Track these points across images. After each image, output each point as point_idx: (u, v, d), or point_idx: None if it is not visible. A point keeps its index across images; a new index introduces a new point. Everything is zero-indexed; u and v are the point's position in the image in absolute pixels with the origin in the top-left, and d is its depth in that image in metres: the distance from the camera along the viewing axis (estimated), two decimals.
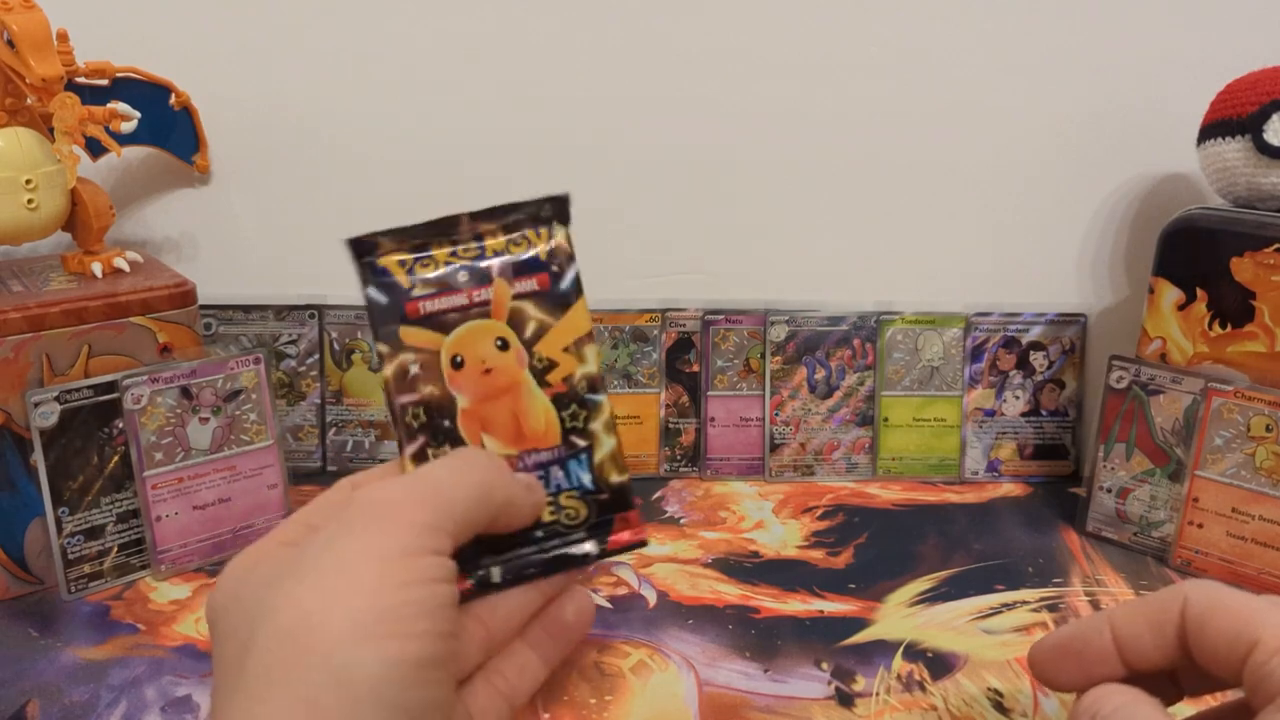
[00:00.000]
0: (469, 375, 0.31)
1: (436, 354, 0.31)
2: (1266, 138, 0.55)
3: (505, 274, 0.32)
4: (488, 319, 0.32)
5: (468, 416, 0.31)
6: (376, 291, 0.32)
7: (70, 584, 0.54)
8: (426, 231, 0.33)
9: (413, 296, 0.32)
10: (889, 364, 0.70)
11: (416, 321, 0.31)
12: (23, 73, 0.52)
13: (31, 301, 0.53)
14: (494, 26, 0.66)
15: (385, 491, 0.29)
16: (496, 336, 0.31)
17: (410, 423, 0.30)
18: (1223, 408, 0.57)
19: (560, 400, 0.32)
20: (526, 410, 0.31)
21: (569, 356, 0.32)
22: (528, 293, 0.32)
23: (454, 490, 0.29)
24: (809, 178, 0.69)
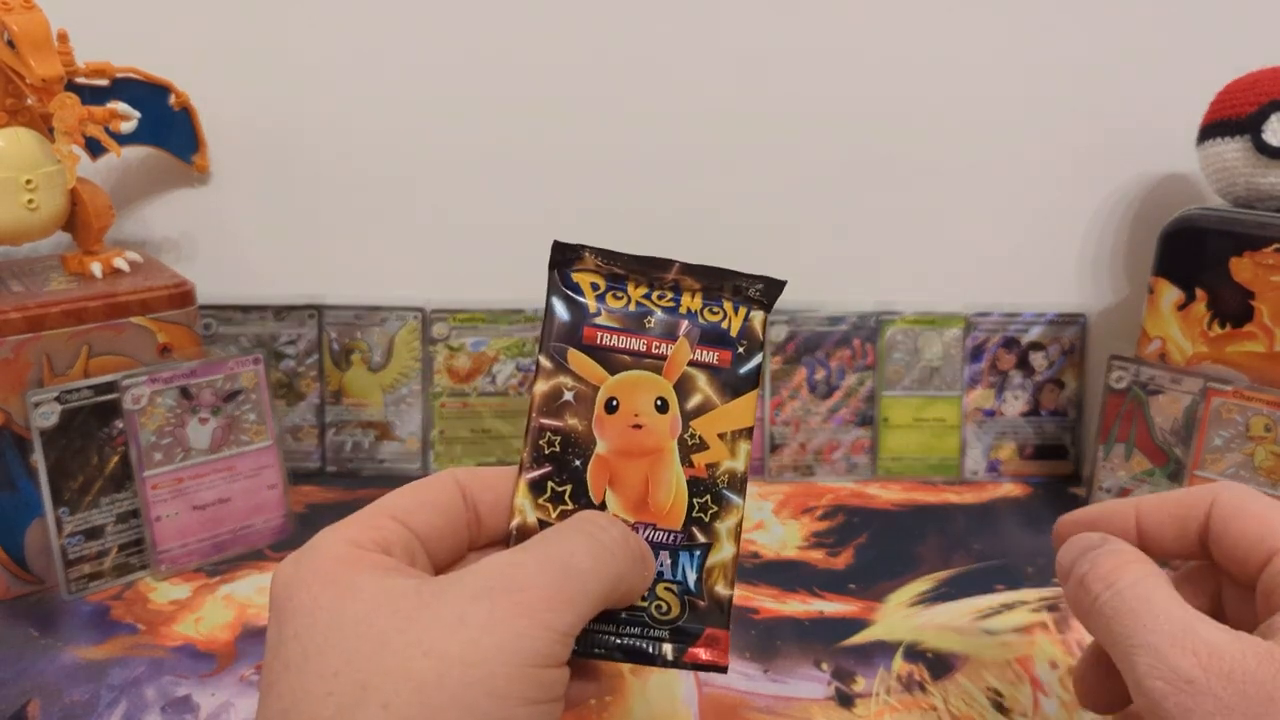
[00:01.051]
0: (618, 423, 0.29)
1: (595, 390, 0.29)
2: (1266, 138, 0.55)
3: (691, 336, 0.30)
4: (658, 375, 0.30)
5: (600, 464, 0.29)
6: (561, 304, 0.30)
7: (70, 584, 0.54)
8: (631, 263, 0.31)
9: (595, 323, 0.30)
10: (889, 364, 0.70)
11: (589, 349, 0.30)
12: (23, 73, 0.52)
13: (31, 302, 0.53)
14: (495, 28, 0.66)
15: (534, 571, 0.26)
16: (659, 395, 0.30)
17: (543, 447, 0.29)
18: (1222, 408, 0.57)
19: (696, 485, 0.30)
20: (661, 481, 0.29)
21: (722, 444, 0.30)
22: (705, 363, 0.30)
23: (596, 585, 0.27)
24: (809, 178, 0.69)
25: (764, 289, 0.32)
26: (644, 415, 0.29)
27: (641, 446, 0.29)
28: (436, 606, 0.25)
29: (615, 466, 0.29)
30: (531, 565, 0.26)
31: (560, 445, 0.29)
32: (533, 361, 0.30)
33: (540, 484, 0.28)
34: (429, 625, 0.24)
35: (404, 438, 0.69)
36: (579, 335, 0.29)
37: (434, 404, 0.69)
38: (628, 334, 0.30)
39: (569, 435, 0.29)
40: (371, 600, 0.25)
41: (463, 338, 0.69)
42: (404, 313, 0.69)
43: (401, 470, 0.70)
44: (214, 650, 0.50)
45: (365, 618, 0.24)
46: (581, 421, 0.29)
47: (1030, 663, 0.50)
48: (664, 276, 0.31)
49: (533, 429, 0.29)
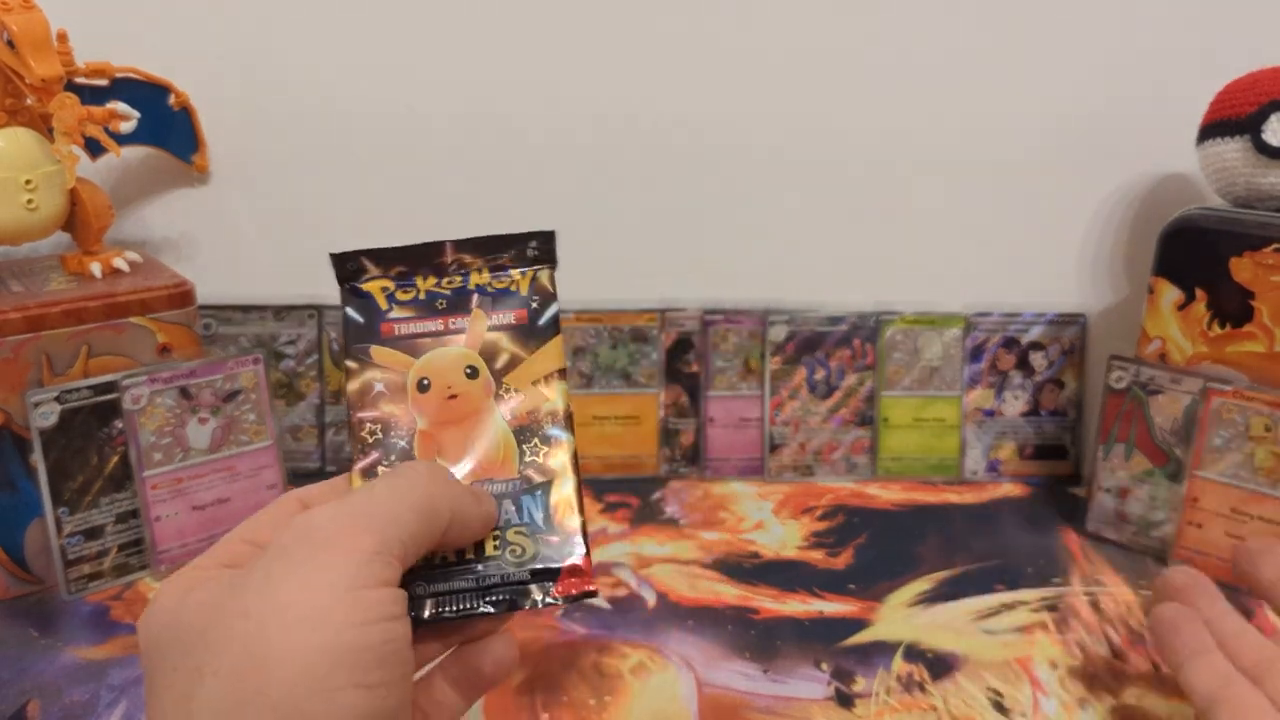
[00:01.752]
0: (433, 399, 0.31)
1: (404, 375, 0.31)
2: (1265, 138, 0.55)
3: (484, 305, 0.32)
4: (461, 347, 0.32)
5: (425, 438, 0.31)
6: (354, 310, 0.32)
7: (70, 584, 0.54)
8: (411, 256, 0.33)
9: (389, 318, 0.32)
10: (889, 364, 0.70)
11: (389, 341, 0.32)
12: (22, 73, 0.52)
13: (31, 302, 0.53)
14: (495, 27, 0.66)
15: (326, 516, 0.27)
16: (467, 364, 0.32)
17: (365, 438, 0.30)
18: (1222, 408, 0.57)
19: (522, 432, 0.32)
20: (485, 436, 0.31)
21: (537, 390, 0.32)
22: (504, 325, 0.32)
23: (398, 508, 0.27)
24: (809, 178, 0.69)
25: (539, 244, 0.33)
26: (456, 385, 0.31)
27: (460, 413, 0.31)
28: (246, 577, 0.26)
29: (440, 438, 0.30)
30: (323, 513, 0.27)
31: (382, 431, 0.30)
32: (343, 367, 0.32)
33: (371, 470, 0.30)
34: (242, 592, 0.25)
35: None
36: (377, 333, 0.31)
37: None
38: (422, 319, 0.32)
39: (388, 421, 0.30)
40: (201, 597, 0.26)
41: None
42: None
43: None
44: None
45: (194, 611, 0.26)
46: (398, 406, 0.31)
47: (1030, 663, 0.50)
48: (444, 261, 0.33)
49: (353, 424, 0.30)
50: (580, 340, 0.69)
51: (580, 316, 0.69)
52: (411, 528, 0.27)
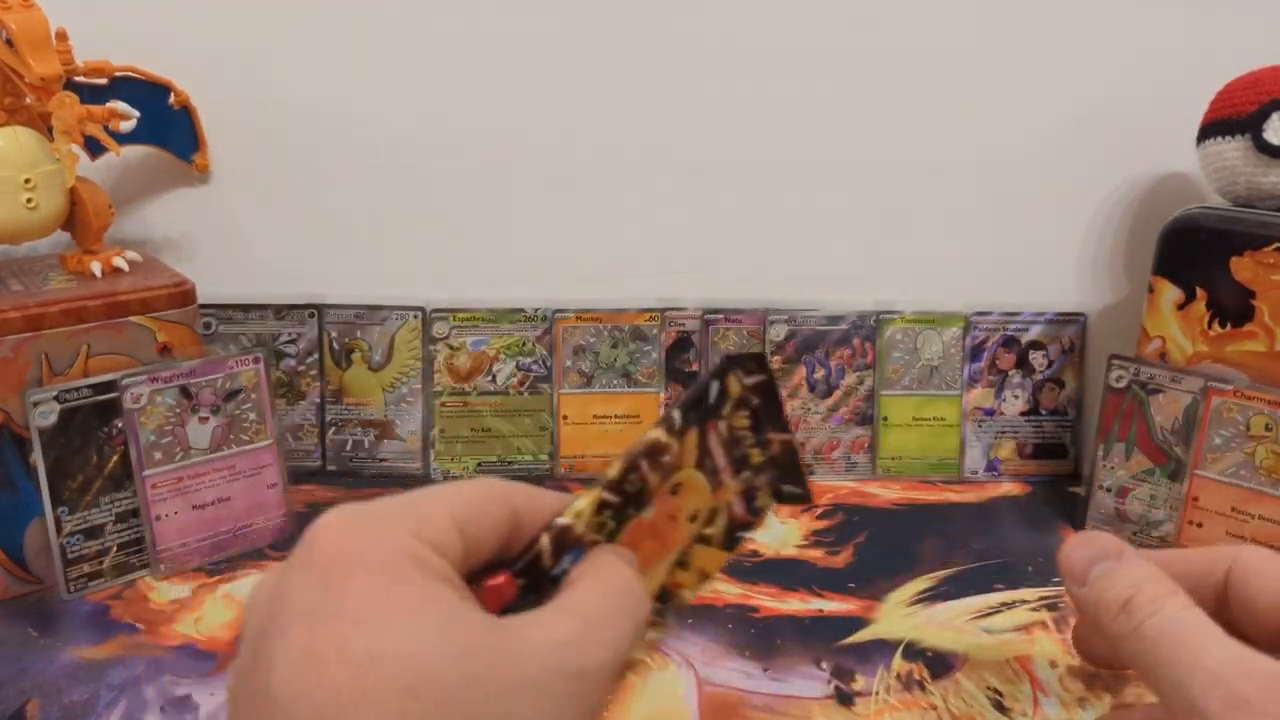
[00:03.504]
0: (667, 506, 0.31)
1: (677, 469, 0.31)
2: (1266, 137, 0.55)
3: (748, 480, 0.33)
4: (715, 491, 0.32)
5: (636, 528, 0.30)
6: (716, 391, 0.32)
7: (70, 583, 0.54)
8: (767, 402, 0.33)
9: (715, 422, 0.32)
10: (888, 363, 0.70)
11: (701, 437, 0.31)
12: (21, 72, 0.52)
13: (31, 301, 0.53)
14: (495, 27, 0.66)
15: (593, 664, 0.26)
16: (699, 508, 0.32)
17: (628, 480, 0.30)
18: (1222, 407, 0.57)
19: (662, 594, 0.32)
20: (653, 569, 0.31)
21: (693, 578, 0.32)
22: (736, 510, 0.33)
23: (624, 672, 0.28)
24: (809, 178, 0.69)
25: (799, 495, 0.34)
26: (683, 514, 0.31)
27: (665, 537, 0.31)
28: (513, 668, 0.24)
29: (643, 535, 0.30)
30: (597, 652, 0.26)
31: (636, 491, 0.30)
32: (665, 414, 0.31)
33: (604, 507, 0.29)
34: (512, 690, 0.24)
35: (404, 436, 0.69)
36: (705, 423, 0.31)
37: (434, 403, 0.69)
38: (724, 448, 0.32)
39: (644, 488, 0.30)
40: (452, 628, 0.24)
41: (463, 337, 0.69)
42: (404, 312, 0.69)
43: (402, 469, 0.70)
44: (214, 649, 0.50)
45: (447, 650, 0.23)
46: (656, 483, 0.30)
47: (1030, 661, 0.50)
48: (769, 432, 0.33)
49: (633, 461, 0.30)
50: (580, 340, 0.69)
51: (580, 316, 0.69)
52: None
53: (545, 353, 0.69)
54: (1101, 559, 0.32)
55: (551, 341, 0.69)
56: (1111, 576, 0.32)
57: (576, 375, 0.69)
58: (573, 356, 0.69)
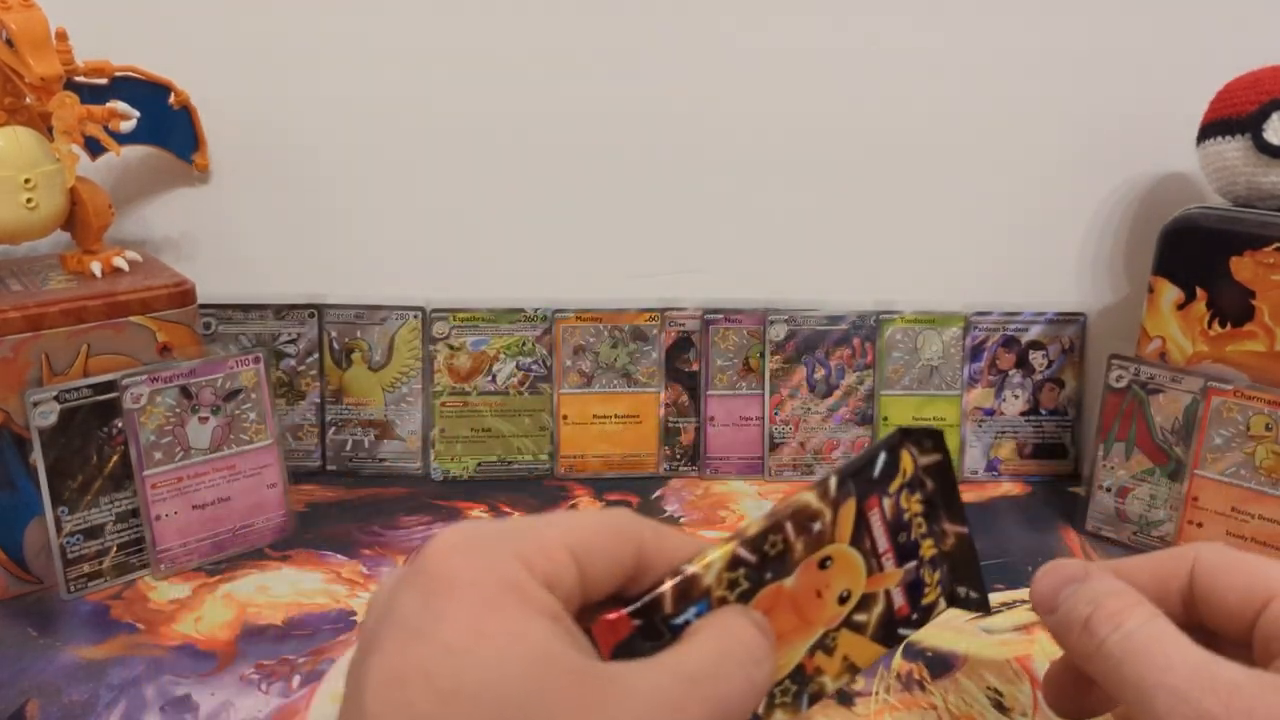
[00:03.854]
0: (813, 581, 0.29)
1: (829, 541, 0.29)
2: (1266, 137, 0.55)
3: (908, 577, 0.31)
4: (872, 575, 0.30)
5: (777, 593, 0.29)
6: (885, 464, 0.30)
7: (70, 583, 0.54)
8: (939, 486, 0.31)
9: (881, 500, 0.30)
10: (888, 363, 0.70)
11: (860, 513, 0.30)
12: (21, 72, 0.52)
13: (31, 301, 0.53)
14: (495, 27, 0.66)
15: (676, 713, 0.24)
16: (851, 589, 0.30)
17: (769, 541, 0.28)
18: (1222, 407, 0.57)
19: (796, 674, 0.30)
20: (789, 645, 0.30)
21: (839, 665, 0.30)
22: (890, 600, 0.31)
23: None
24: (809, 177, 0.69)
25: (976, 600, 0.33)
26: (830, 591, 0.30)
27: (806, 612, 0.29)
28: (604, 714, 0.23)
29: (781, 604, 0.29)
30: (694, 709, 0.24)
31: (777, 554, 0.28)
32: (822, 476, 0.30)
33: (738, 564, 0.28)
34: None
35: (405, 436, 0.69)
36: (867, 498, 0.30)
37: (434, 403, 0.69)
38: (886, 529, 0.30)
39: (787, 553, 0.28)
40: (541, 669, 0.23)
41: (463, 337, 0.69)
42: (404, 312, 0.69)
43: (402, 469, 0.70)
44: (214, 649, 0.50)
45: (532, 691, 0.23)
46: (802, 552, 0.29)
47: (1030, 661, 0.50)
48: (944, 522, 0.31)
49: (776, 521, 0.28)
50: (580, 340, 0.69)
51: (580, 316, 0.69)
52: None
53: (545, 353, 0.69)
54: (1067, 584, 0.31)
55: (551, 341, 0.69)
56: (1074, 597, 0.31)
57: (576, 375, 0.69)
58: (573, 356, 0.69)
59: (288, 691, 0.47)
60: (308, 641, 0.51)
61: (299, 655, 0.50)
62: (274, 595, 0.55)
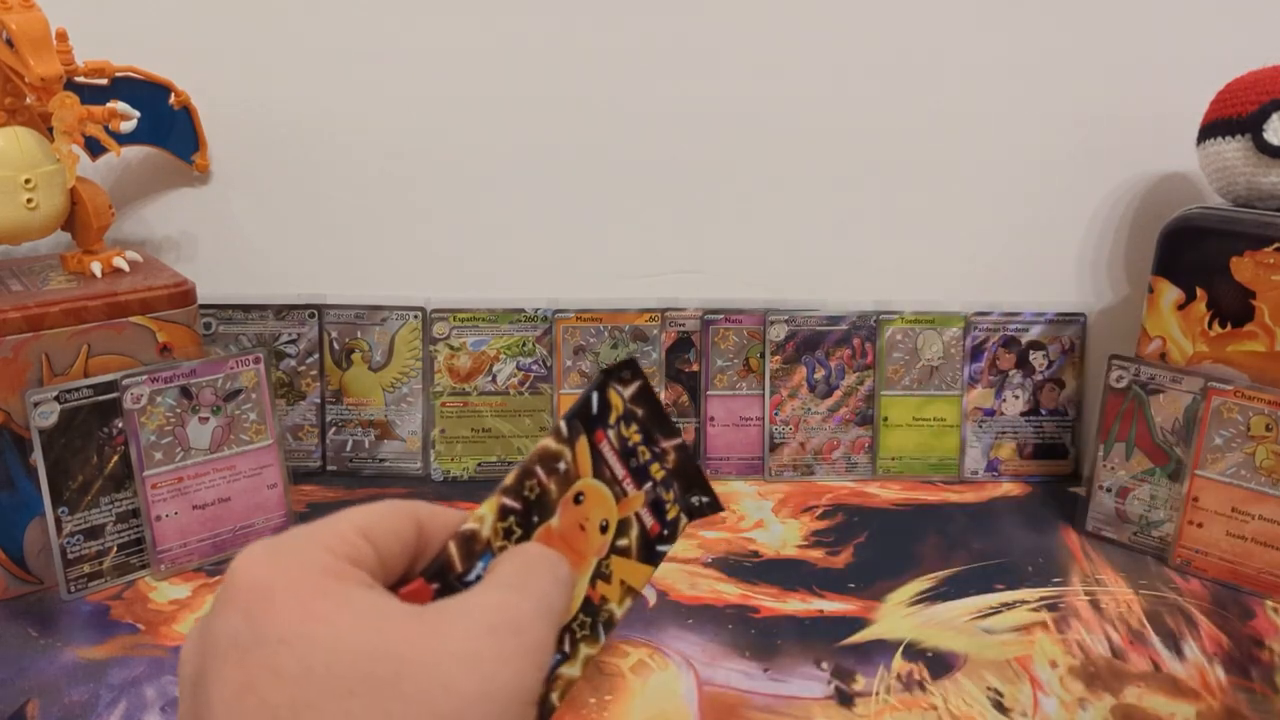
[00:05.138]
0: (573, 515, 0.32)
1: (576, 478, 0.32)
2: (1266, 137, 0.55)
3: (648, 495, 0.34)
4: (620, 501, 0.33)
5: (547, 533, 0.31)
6: (597, 400, 0.33)
7: (70, 584, 0.54)
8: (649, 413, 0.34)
9: (606, 432, 0.33)
10: (888, 363, 0.70)
11: (593, 446, 0.33)
12: (22, 72, 0.52)
13: (31, 301, 0.53)
14: (494, 29, 0.66)
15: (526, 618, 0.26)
16: (606, 517, 0.33)
17: (526, 487, 0.31)
18: (1222, 407, 0.57)
19: (586, 605, 0.32)
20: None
21: (617, 589, 0.33)
22: (642, 522, 0.34)
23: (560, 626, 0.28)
24: (809, 178, 0.69)
25: (709, 504, 0.35)
26: (590, 523, 0.33)
27: (575, 545, 0.32)
28: (448, 640, 0.25)
29: (554, 543, 0.32)
30: (526, 606, 0.27)
31: (536, 497, 0.31)
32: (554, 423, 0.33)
33: (507, 513, 0.31)
34: (444, 659, 0.24)
35: (405, 437, 0.69)
36: (593, 431, 0.33)
37: (435, 403, 0.69)
38: (619, 458, 0.33)
39: (545, 495, 0.32)
40: (376, 623, 0.25)
41: (463, 337, 0.69)
42: (404, 312, 0.69)
43: (402, 469, 0.70)
44: None
45: (376, 642, 0.24)
46: (557, 492, 0.32)
47: (1030, 662, 0.50)
48: (660, 442, 0.34)
49: (527, 467, 0.31)
50: (580, 340, 0.69)
51: (580, 316, 0.69)
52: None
53: (545, 353, 0.69)
54: None
55: (551, 341, 0.69)
56: None
57: (577, 375, 0.69)
58: (573, 356, 0.69)
59: None
60: None
61: None
62: None
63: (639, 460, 0.34)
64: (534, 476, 0.31)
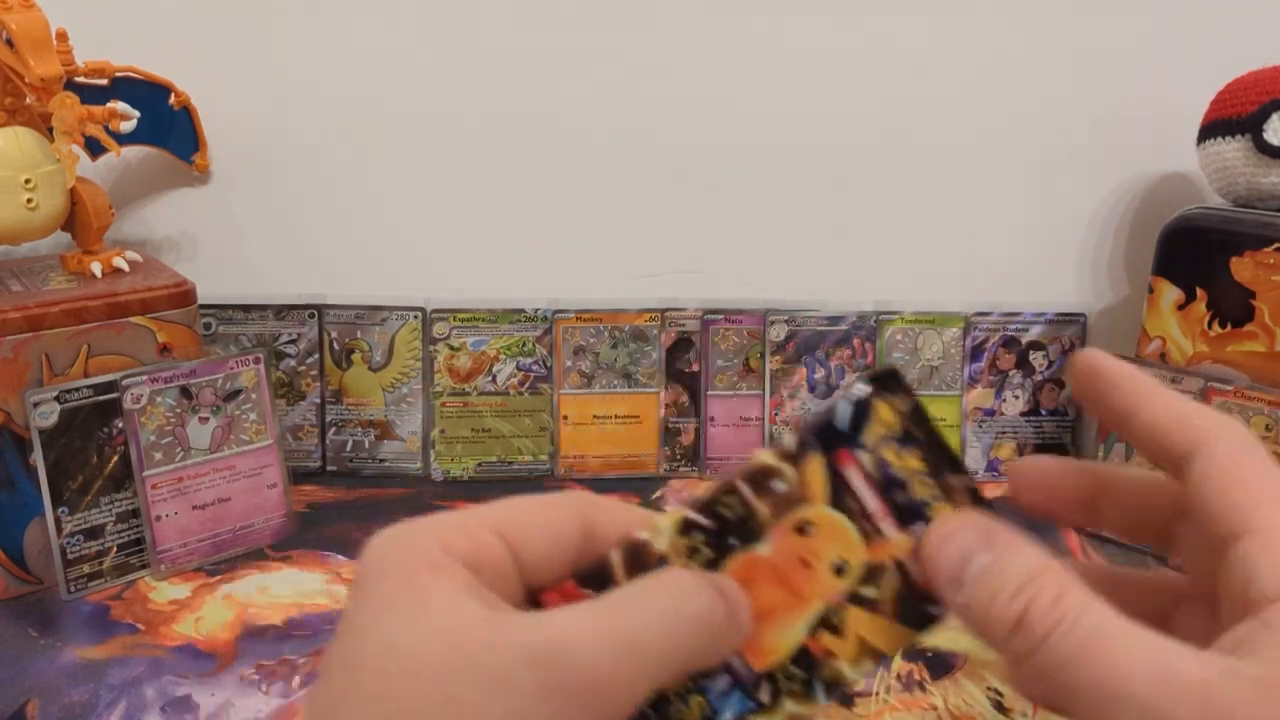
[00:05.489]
0: (794, 547, 0.26)
1: (800, 503, 0.26)
2: (1266, 137, 0.55)
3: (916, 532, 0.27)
4: (871, 542, 0.27)
5: (750, 562, 0.26)
6: (847, 412, 0.27)
7: (70, 584, 0.54)
8: (931, 439, 0.27)
9: (856, 454, 0.27)
10: (888, 364, 0.70)
11: (831, 468, 0.26)
12: (22, 72, 0.52)
13: (31, 301, 0.53)
14: (496, 29, 0.66)
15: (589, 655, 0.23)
16: (846, 559, 0.27)
17: (723, 503, 0.26)
18: (1222, 407, 0.57)
19: (803, 657, 0.27)
20: (783, 624, 0.27)
21: (853, 648, 0.27)
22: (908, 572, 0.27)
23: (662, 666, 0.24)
24: (809, 178, 0.69)
25: None
26: (820, 561, 0.26)
27: (792, 583, 0.26)
28: (487, 663, 0.23)
29: (760, 575, 0.26)
30: (596, 642, 0.23)
31: (736, 517, 0.26)
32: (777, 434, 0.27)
33: (690, 527, 0.26)
34: (476, 678, 0.22)
35: (405, 437, 0.69)
36: (834, 450, 0.27)
37: (435, 403, 0.69)
38: (873, 488, 0.27)
39: (750, 516, 0.26)
40: (437, 624, 0.23)
41: (463, 337, 0.69)
42: (404, 312, 0.69)
43: (402, 469, 0.69)
44: (214, 650, 0.50)
45: (424, 643, 0.23)
46: (770, 515, 0.26)
47: None
48: (946, 478, 0.28)
49: (729, 483, 0.26)
50: (580, 340, 0.69)
51: (580, 316, 0.69)
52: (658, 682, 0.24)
53: (545, 353, 0.69)
54: (974, 553, 0.26)
55: (551, 341, 0.69)
56: (990, 579, 0.25)
57: (577, 376, 0.69)
58: (573, 357, 0.69)
59: (288, 692, 0.47)
60: (308, 642, 0.51)
61: (299, 656, 0.50)
62: (274, 596, 0.55)
63: (910, 495, 0.27)
64: (737, 493, 0.26)
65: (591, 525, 0.26)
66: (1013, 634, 0.24)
